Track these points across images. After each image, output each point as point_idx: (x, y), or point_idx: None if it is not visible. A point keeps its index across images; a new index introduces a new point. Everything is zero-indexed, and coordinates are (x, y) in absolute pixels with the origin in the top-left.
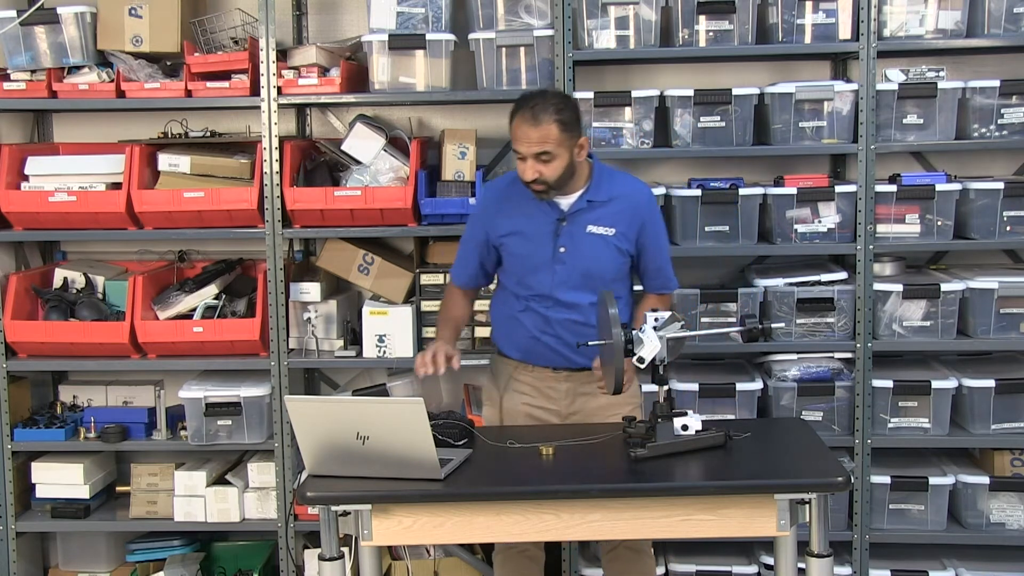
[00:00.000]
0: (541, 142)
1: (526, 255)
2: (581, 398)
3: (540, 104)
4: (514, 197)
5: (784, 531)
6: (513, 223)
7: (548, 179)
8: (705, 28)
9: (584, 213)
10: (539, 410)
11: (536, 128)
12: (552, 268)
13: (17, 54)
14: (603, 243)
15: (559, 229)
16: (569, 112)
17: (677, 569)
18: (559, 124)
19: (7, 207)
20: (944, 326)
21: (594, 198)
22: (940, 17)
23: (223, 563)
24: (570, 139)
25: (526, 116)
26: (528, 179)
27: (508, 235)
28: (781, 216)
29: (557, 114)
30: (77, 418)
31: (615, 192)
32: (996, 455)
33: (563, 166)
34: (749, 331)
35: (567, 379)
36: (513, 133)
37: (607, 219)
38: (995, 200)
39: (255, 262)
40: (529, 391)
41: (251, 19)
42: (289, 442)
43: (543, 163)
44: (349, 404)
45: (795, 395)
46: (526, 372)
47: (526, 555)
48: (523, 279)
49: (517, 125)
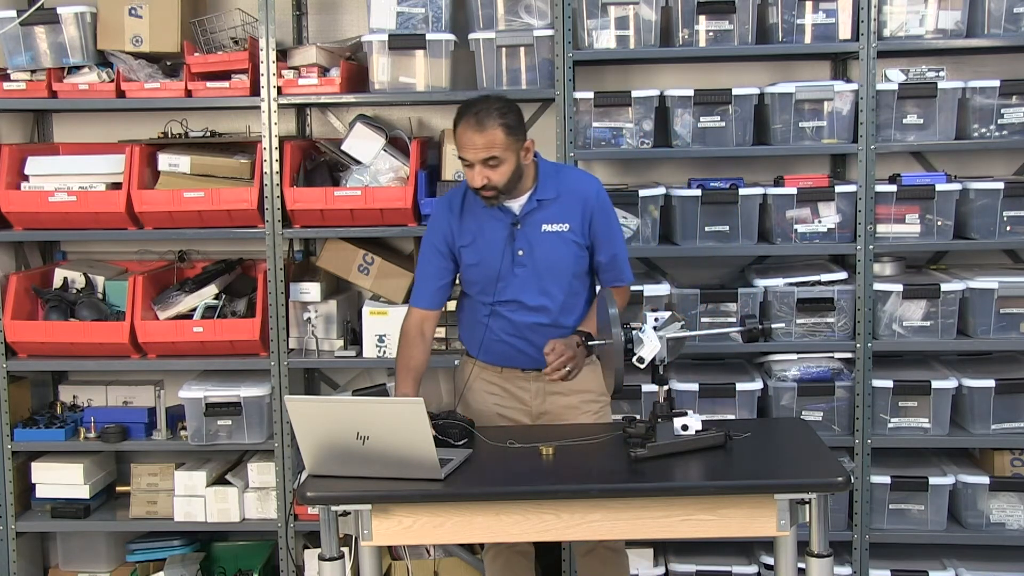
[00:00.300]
0: (488, 147)
1: (485, 264)
2: (551, 397)
3: (484, 110)
4: (466, 208)
5: (784, 531)
6: (469, 233)
7: (497, 184)
8: (705, 28)
9: (536, 213)
10: (509, 410)
11: (481, 134)
12: (513, 272)
13: (17, 54)
14: (560, 240)
15: (514, 233)
16: (513, 116)
17: (677, 569)
18: (504, 128)
19: (7, 207)
20: (944, 326)
21: (543, 196)
22: (940, 17)
23: (223, 563)
24: (516, 142)
25: (470, 123)
26: (477, 185)
27: (465, 246)
28: (781, 216)
29: (501, 118)
30: (77, 418)
31: (563, 188)
32: (996, 455)
33: (510, 170)
34: (749, 331)
35: (536, 379)
36: (458, 141)
37: (559, 216)
38: (995, 200)
39: (255, 262)
40: (498, 391)
41: (251, 19)
42: (289, 442)
43: (491, 168)
44: (349, 404)
45: (795, 395)
46: (495, 373)
47: (515, 549)
48: (486, 287)
49: (462, 132)
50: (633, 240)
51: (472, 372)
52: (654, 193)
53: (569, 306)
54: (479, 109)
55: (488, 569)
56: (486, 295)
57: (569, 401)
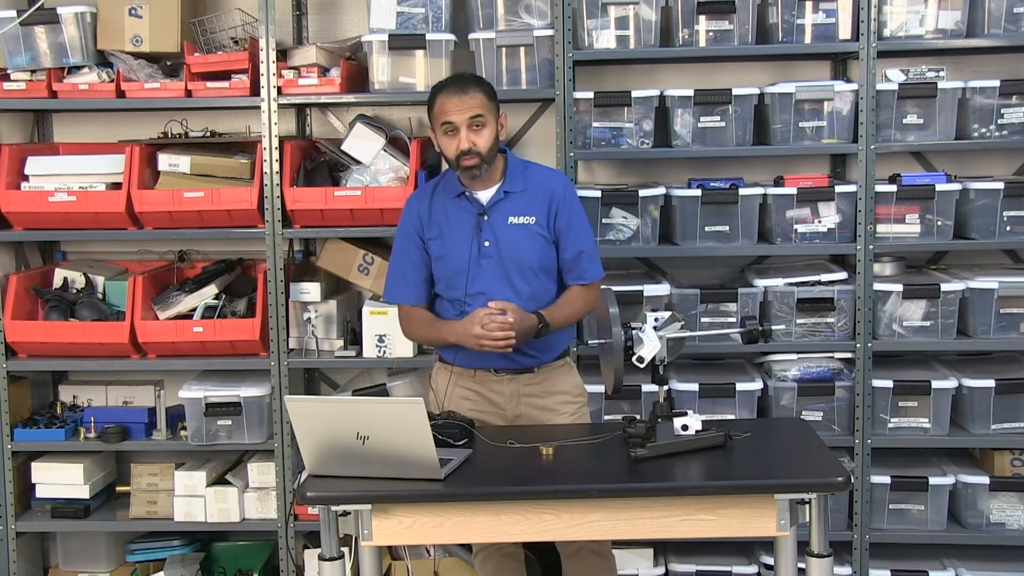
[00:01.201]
0: (475, 107)
1: (451, 254)
2: (526, 399)
3: (462, 77)
4: (435, 201)
5: (784, 531)
6: (436, 226)
7: (481, 150)
8: (705, 28)
9: (503, 204)
10: (484, 414)
11: (465, 96)
12: (479, 263)
13: (17, 54)
14: (526, 232)
15: (480, 224)
16: (488, 85)
17: (677, 569)
18: (485, 92)
19: (7, 207)
20: (944, 326)
21: (511, 188)
22: (940, 17)
23: (223, 563)
24: (495, 109)
25: (451, 89)
26: (464, 148)
27: (432, 239)
28: (781, 216)
29: (480, 84)
30: (77, 418)
31: (531, 182)
32: (996, 455)
33: (492, 137)
34: (749, 332)
35: (510, 381)
36: (440, 109)
37: (526, 208)
38: (995, 200)
39: (255, 262)
40: (473, 396)
41: (251, 19)
42: (289, 442)
43: (475, 132)
44: (349, 404)
45: (795, 395)
46: (468, 378)
47: (505, 553)
48: (452, 280)
49: (445, 99)
50: (633, 240)
51: (450, 379)
52: (654, 193)
53: (536, 301)
54: (457, 79)
55: (479, 572)
56: (454, 289)
57: (544, 403)
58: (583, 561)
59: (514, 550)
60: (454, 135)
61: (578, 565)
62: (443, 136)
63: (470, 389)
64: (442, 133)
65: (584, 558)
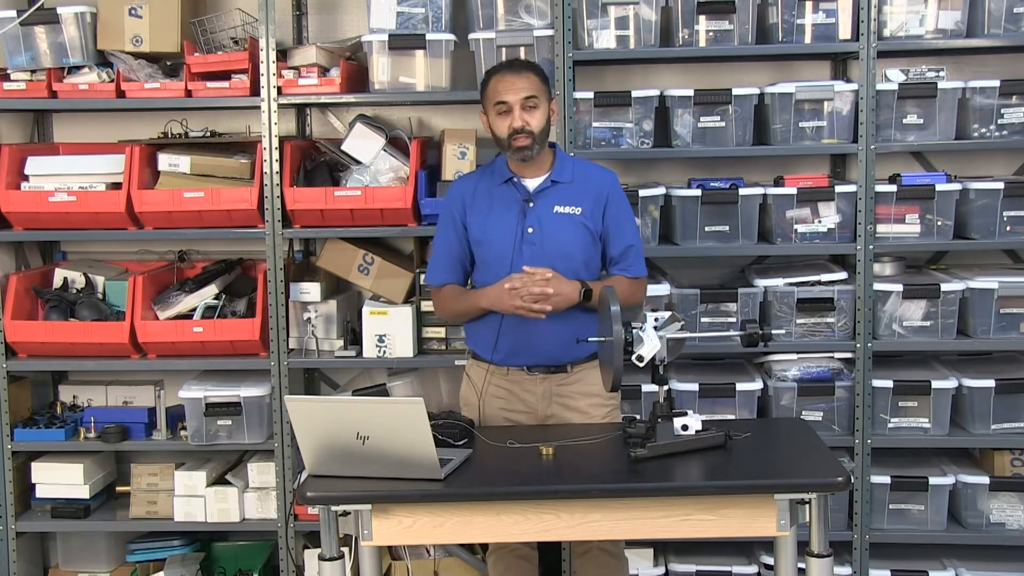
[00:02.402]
0: (528, 88)
1: (493, 240)
2: (558, 399)
3: (515, 61)
4: (481, 188)
5: (784, 531)
6: (479, 210)
7: (534, 129)
8: (705, 28)
9: (550, 193)
10: (515, 414)
11: (520, 76)
12: (521, 251)
13: (17, 54)
14: (571, 223)
15: (525, 210)
16: (540, 68)
17: (677, 569)
18: (538, 75)
19: (7, 207)
20: (944, 326)
21: (559, 179)
22: (940, 17)
23: (223, 563)
24: (548, 93)
25: (506, 70)
26: (516, 127)
27: (477, 222)
28: (781, 216)
29: (533, 67)
30: (77, 418)
31: (578, 174)
32: (996, 455)
33: (544, 119)
34: (749, 336)
35: (543, 380)
36: (493, 88)
37: (573, 199)
38: (995, 200)
39: (255, 262)
40: (504, 395)
41: (251, 19)
42: (289, 442)
43: (528, 112)
44: (349, 404)
45: (795, 395)
46: (501, 376)
47: (517, 554)
48: (492, 266)
49: (499, 80)
50: None
51: (486, 377)
52: (654, 193)
53: None
54: (512, 61)
55: (490, 572)
56: (493, 276)
57: (576, 404)
58: (594, 560)
59: (527, 552)
60: (507, 115)
61: (589, 564)
62: (496, 117)
63: (502, 387)
64: (495, 113)
65: (595, 557)
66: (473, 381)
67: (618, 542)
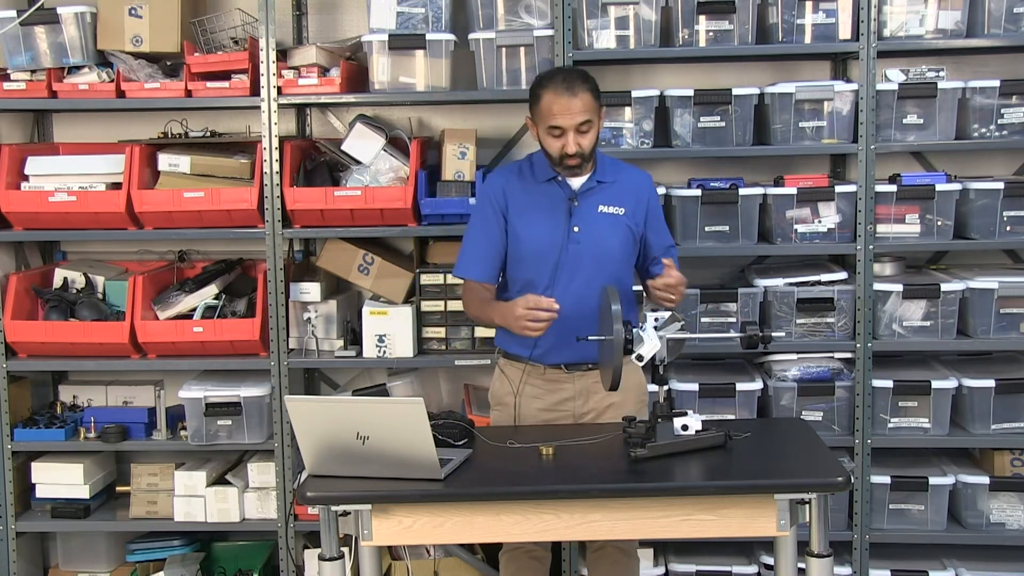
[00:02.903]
0: (583, 111)
1: (536, 237)
2: (595, 397)
3: (569, 76)
4: (521, 183)
5: (784, 531)
6: (523, 205)
7: (586, 150)
8: (705, 28)
9: (594, 193)
10: (551, 412)
11: (575, 98)
12: (566, 249)
13: (17, 54)
14: (615, 222)
15: (571, 209)
16: (593, 80)
17: (677, 569)
18: (592, 92)
19: (7, 207)
20: (944, 326)
21: (602, 179)
22: (940, 17)
23: (223, 563)
24: (600, 108)
25: (561, 89)
26: (571, 152)
27: (518, 217)
28: (781, 216)
29: (586, 82)
30: (77, 418)
31: (620, 174)
32: (996, 455)
33: (596, 135)
34: (749, 338)
35: (580, 379)
36: (548, 110)
37: (616, 199)
38: (995, 200)
39: (255, 262)
40: (540, 394)
41: (251, 19)
42: (289, 442)
43: (582, 134)
44: (349, 404)
45: (795, 395)
46: (537, 375)
47: (531, 556)
48: (532, 263)
49: (553, 100)
50: None
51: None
52: None
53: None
54: (564, 76)
55: (502, 571)
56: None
57: (612, 399)
58: (607, 558)
59: (541, 553)
60: (560, 137)
61: (602, 562)
62: (547, 134)
63: (538, 386)
64: (546, 131)
65: (609, 555)
66: (510, 379)
67: (632, 541)
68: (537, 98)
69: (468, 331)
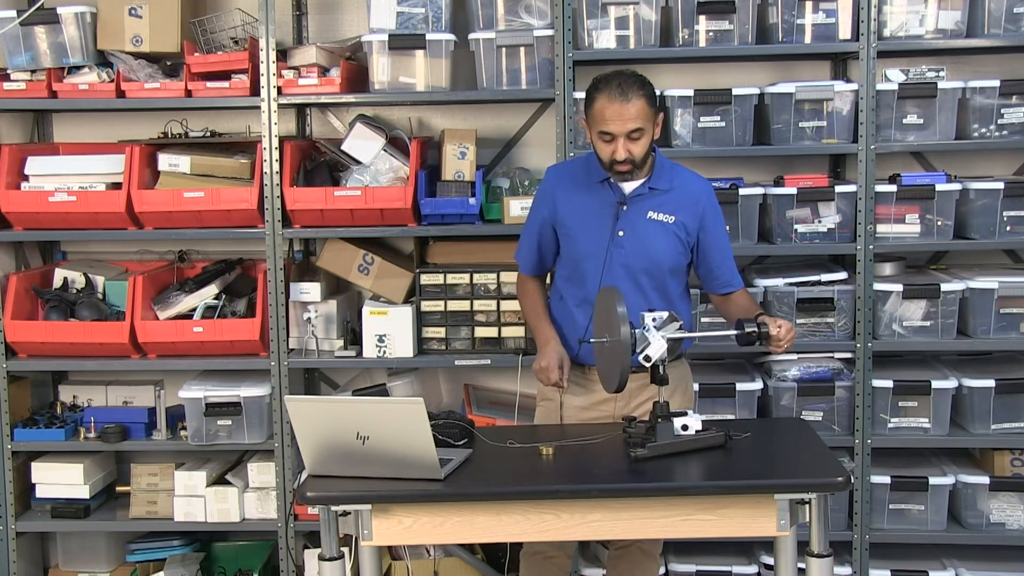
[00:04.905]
0: (635, 118)
1: (582, 237)
2: (636, 395)
3: (625, 81)
4: (576, 181)
5: (784, 531)
6: (573, 204)
7: (636, 157)
8: (705, 28)
9: (645, 199)
10: (590, 412)
11: (628, 105)
12: (611, 252)
13: (17, 54)
14: (663, 230)
15: (619, 212)
16: (650, 86)
17: (677, 569)
18: (647, 98)
19: (7, 207)
20: (944, 326)
21: (656, 186)
22: (940, 17)
23: (223, 563)
24: (654, 114)
25: (615, 95)
26: (620, 159)
27: (567, 215)
28: (781, 216)
29: (642, 88)
30: (77, 418)
31: (676, 182)
32: (996, 455)
33: (648, 142)
34: (746, 335)
35: None
36: (599, 115)
37: (668, 207)
38: (995, 200)
39: (255, 262)
40: (581, 392)
41: (251, 19)
42: (289, 442)
43: (633, 141)
44: (349, 404)
45: (795, 395)
46: (580, 375)
47: (552, 561)
48: (579, 263)
49: (605, 105)
50: None
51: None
52: None
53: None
54: (620, 81)
55: (523, 570)
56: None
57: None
58: (629, 558)
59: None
60: (611, 142)
61: (624, 561)
62: (598, 139)
63: (580, 385)
64: (597, 135)
65: (632, 554)
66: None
67: (656, 542)
68: (591, 101)
69: (468, 331)
